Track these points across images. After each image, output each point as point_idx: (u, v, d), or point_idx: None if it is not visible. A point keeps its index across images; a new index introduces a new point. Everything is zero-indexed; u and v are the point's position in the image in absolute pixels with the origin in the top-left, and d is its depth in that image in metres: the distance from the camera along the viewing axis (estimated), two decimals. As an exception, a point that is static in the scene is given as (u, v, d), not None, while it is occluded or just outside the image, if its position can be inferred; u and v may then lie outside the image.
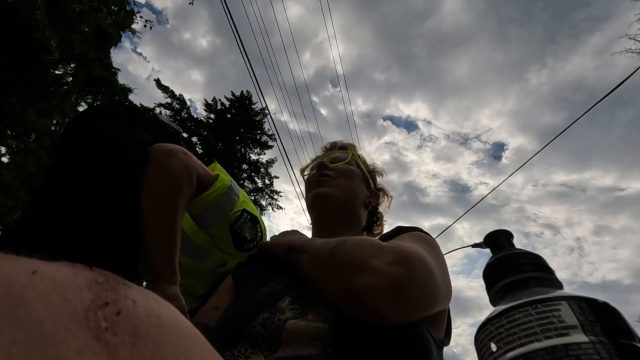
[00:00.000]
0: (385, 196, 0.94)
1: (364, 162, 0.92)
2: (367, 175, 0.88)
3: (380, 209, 0.92)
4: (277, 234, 0.80)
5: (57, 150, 0.95)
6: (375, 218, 0.89)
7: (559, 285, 0.34)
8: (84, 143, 0.90)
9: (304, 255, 0.58)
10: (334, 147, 0.96)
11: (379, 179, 0.95)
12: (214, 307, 0.69)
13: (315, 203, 0.80)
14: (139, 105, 11.01)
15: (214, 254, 1.06)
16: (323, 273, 0.52)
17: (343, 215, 0.79)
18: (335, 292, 0.50)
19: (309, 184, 0.84)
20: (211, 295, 0.91)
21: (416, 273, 0.46)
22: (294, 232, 0.76)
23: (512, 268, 0.35)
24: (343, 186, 0.80)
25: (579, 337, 0.25)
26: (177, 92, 12.09)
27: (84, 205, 0.82)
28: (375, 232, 0.90)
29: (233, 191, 1.00)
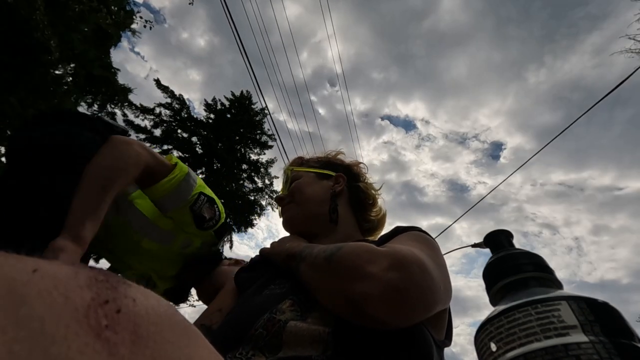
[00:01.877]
0: (354, 167, 0.91)
1: (315, 160, 0.93)
2: (319, 170, 0.88)
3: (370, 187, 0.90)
4: (276, 239, 0.80)
5: (8, 154, 1.03)
6: (360, 195, 0.86)
7: (558, 285, 0.35)
8: (34, 144, 0.98)
9: (303, 264, 0.58)
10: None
11: (344, 157, 0.95)
12: (217, 309, 0.70)
13: (285, 230, 0.86)
14: (139, 105, 11.02)
15: (179, 236, 1.14)
16: (320, 281, 0.52)
17: (310, 224, 0.81)
18: (333, 300, 0.50)
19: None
20: (183, 274, 1.15)
21: (413, 277, 0.45)
22: (293, 238, 0.76)
23: (512, 268, 0.35)
24: (298, 201, 0.83)
25: (579, 337, 0.25)
26: (175, 92, 12.10)
27: (39, 197, 0.90)
28: (368, 203, 0.87)
29: (191, 177, 1.09)
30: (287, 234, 0.83)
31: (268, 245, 0.78)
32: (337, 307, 0.49)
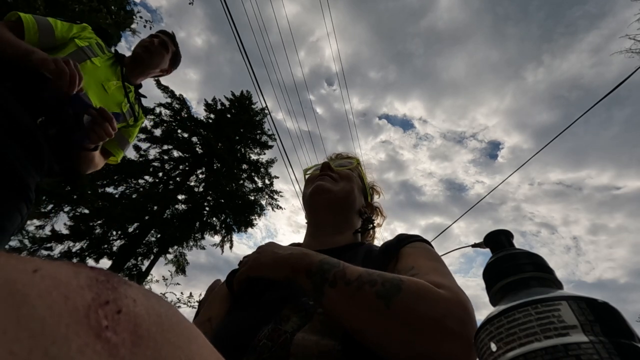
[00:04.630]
0: (380, 215, 0.95)
1: (361, 172, 0.96)
2: (367, 188, 0.92)
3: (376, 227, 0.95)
4: (252, 251, 0.67)
5: None
6: (370, 231, 0.91)
7: (559, 285, 0.35)
8: None
9: (331, 288, 0.48)
10: (340, 157, 1.01)
11: (375, 198, 0.99)
12: (206, 319, 0.67)
13: (314, 193, 0.80)
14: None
15: (90, 45, 1.39)
16: (372, 323, 0.45)
17: (338, 213, 0.81)
18: (391, 348, 0.44)
19: (311, 181, 0.86)
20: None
21: (474, 326, 0.45)
22: (277, 245, 0.64)
23: (512, 268, 0.36)
24: (343, 187, 0.83)
25: (579, 337, 0.25)
26: (175, 92, 12.10)
27: None
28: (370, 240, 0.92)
29: (37, 17, 1.30)
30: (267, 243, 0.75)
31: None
32: (392, 353, 0.44)
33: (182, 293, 9.96)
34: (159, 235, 10.32)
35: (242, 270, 0.62)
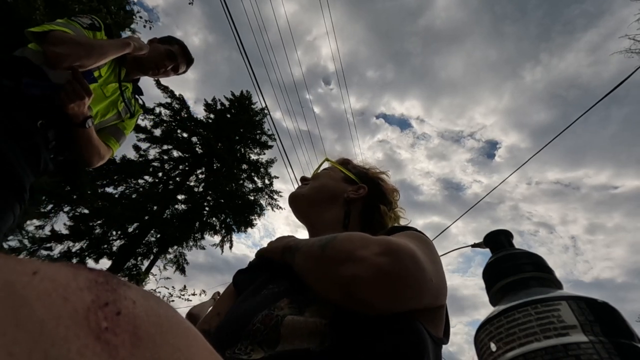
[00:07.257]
0: (385, 189, 0.89)
1: (354, 166, 0.94)
2: (349, 173, 0.89)
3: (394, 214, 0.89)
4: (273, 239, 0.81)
5: None
6: (374, 216, 0.85)
7: (558, 285, 0.35)
8: None
9: (298, 254, 0.59)
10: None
11: (385, 178, 0.94)
12: (216, 314, 0.71)
13: (289, 205, 0.90)
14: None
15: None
16: (314, 269, 0.54)
17: (308, 208, 0.84)
18: (325, 286, 0.51)
19: None
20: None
21: (402, 263, 0.46)
22: (290, 236, 0.77)
23: (512, 268, 0.36)
24: (312, 186, 0.87)
25: (579, 337, 0.25)
26: (175, 92, 12.09)
27: None
28: (378, 227, 0.84)
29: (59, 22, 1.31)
30: (284, 235, 0.84)
31: (265, 244, 0.79)
32: (328, 292, 0.50)
33: (173, 287, 9.87)
34: (158, 235, 10.32)
35: (263, 249, 0.77)
